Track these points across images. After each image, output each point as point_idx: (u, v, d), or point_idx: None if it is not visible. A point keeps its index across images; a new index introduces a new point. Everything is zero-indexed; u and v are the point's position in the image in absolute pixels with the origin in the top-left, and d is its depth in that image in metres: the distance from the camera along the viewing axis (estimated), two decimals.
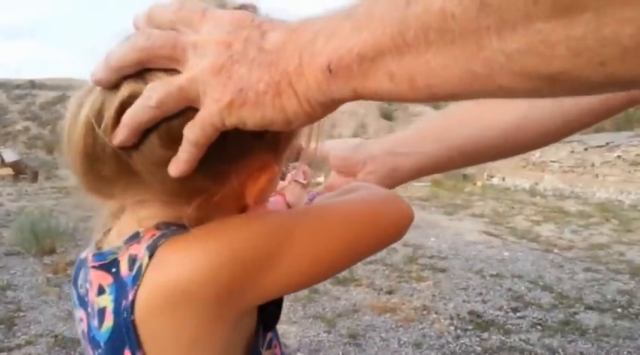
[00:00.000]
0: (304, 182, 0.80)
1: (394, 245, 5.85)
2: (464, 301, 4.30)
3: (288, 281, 0.50)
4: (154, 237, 0.47)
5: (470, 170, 14.44)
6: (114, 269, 0.48)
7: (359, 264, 4.87)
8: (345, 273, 4.87)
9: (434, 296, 4.38)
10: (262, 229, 0.48)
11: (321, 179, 0.78)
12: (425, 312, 4.01)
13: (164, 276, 0.44)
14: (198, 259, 0.44)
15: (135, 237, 0.48)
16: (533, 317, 3.96)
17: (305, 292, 4.32)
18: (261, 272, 0.47)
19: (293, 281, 0.51)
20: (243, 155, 0.46)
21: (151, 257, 0.45)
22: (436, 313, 4.00)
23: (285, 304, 3.54)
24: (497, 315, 3.99)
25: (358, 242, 0.56)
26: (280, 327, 3.71)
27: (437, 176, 12.91)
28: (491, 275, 5.03)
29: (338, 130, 14.40)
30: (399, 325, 3.76)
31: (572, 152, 11.57)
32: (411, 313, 3.97)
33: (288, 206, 0.81)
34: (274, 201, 0.74)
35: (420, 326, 3.74)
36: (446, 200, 9.90)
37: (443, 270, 5.14)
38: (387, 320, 3.84)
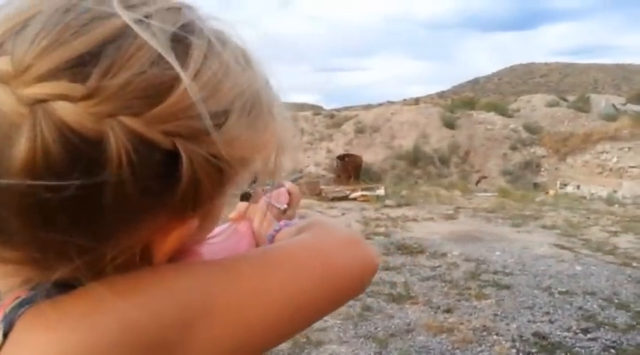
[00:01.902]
0: (283, 207, 0.72)
1: (455, 259, 5.65)
2: (529, 321, 4.00)
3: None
4: (14, 304, 0.38)
5: (541, 178, 13.71)
6: None
7: (415, 280, 4.71)
8: (400, 290, 4.72)
9: (495, 315, 4.12)
10: (170, 294, 0.39)
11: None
12: (485, 333, 3.77)
13: (34, 353, 0.35)
14: (74, 339, 0.35)
15: None
16: (607, 340, 3.62)
17: (357, 310, 4.21)
18: (165, 347, 0.38)
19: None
20: (135, 214, 0.37)
21: (6, 335, 0.36)
22: (497, 334, 3.74)
23: (336, 322, 3.48)
24: (566, 337, 3.67)
25: (310, 301, 0.47)
26: (329, 347, 3.63)
27: (505, 185, 12.37)
28: (561, 293, 4.67)
29: (398, 142, 14.17)
30: (456, 347, 3.55)
31: None
32: (469, 334, 3.74)
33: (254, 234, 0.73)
34: (231, 230, 0.66)
35: (479, 349, 3.52)
36: (514, 211, 9.40)
37: (507, 287, 4.83)
38: (442, 342, 3.64)
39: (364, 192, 10.07)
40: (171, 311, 0.39)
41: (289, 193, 0.77)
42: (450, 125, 14.47)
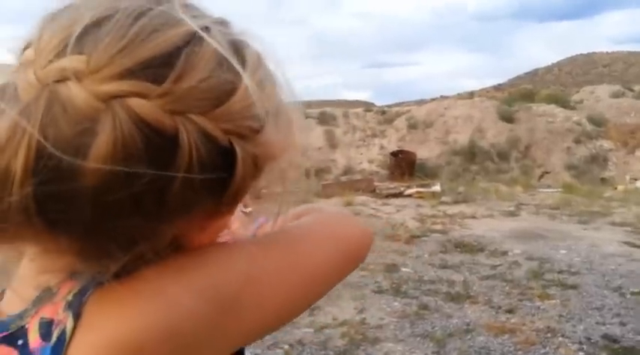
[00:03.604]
0: (247, 210, 0.76)
1: (517, 258, 5.44)
2: (597, 323, 3.79)
3: (256, 325, 0.46)
4: (74, 292, 0.39)
5: (608, 173, 12.98)
6: (20, 341, 0.39)
7: (475, 279, 4.57)
8: (459, 289, 4.59)
9: (561, 316, 3.92)
10: (219, 270, 0.43)
11: None
12: (549, 335, 3.60)
13: (103, 337, 0.36)
14: (148, 307, 0.38)
15: (46, 295, 0.40)
16: None
17: (414, 308, 4.14)
18: (223, 318, 0.42)
19: (262, 324, 0.47)
20: (192, 205, 0.39)
21: (77, 317, 0.37)
22: (563, 336, 3.57)
23: (392, 320, 3.43)
24: (639, 340, 3.44)
25: (327, 268, 0.53)
26: (385, 345, 3.58)
27: (570, 180, 11.80)
28: (633, 293, 4.39)
29: (452, 136, 13.81)
30: (518, 348, 3.41)
31: None
32: (532, 335, 3.59)
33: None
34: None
35: (543, 351, 3.37)
36: (580, 207, 8.93)
37: (573, 287, 4.60)
38: (504, 342, 3.51)
39: (419, 189, 9.90)
40: (220, 288, 0.42)
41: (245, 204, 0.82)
42: (507, 118, 13.93)
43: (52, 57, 0.34)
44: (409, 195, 9.74)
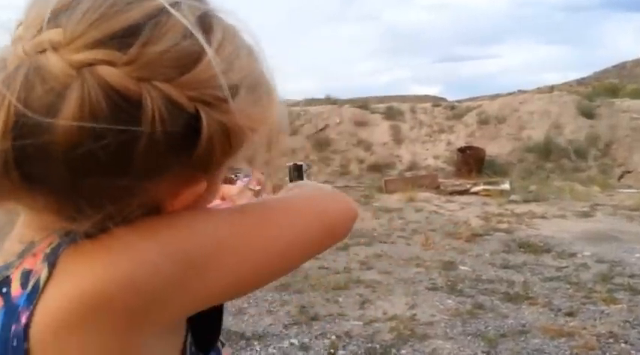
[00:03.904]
0: (256, 189, 0.79)
1: (586, 260, 5.16)
2: None
3: (222, 289, 0.49)
4: (52, 245, 0.43)
5: None
6: (4, 290, 0.43)
7: (537, 280, 4.40)
8: (518, 289, 4.44)
9: (626, 322, 3.69)
10: (190, 232, 0.46)
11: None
12: (611, 340, 3.40)
13: (74, 286, 0.40)
14: (118, 261, 0.41)
15: (30, 249, 0.44)
16: None
17: (468, 307, 4.05)
18: (189, 278, 0.45)
19: (228, 287, 0.49)
20: (160, 168, 0.42)
21: (51, 268, 0.41)
22: (626, 342, 3.36)
23: (443, 318, 3.41)
24: None
25: (304, 240, 0.56)
26: (434, 342, 3.54)
27: None
28: None
29: (527, 133, 13.18)
30: (575, 353, 3.26)
31: None
32: (592, 340, 3.41)
33: None
34: (224, 204, 0.73)
35: None
36: None
37: None
38: (560, 346, 3.36)
39: (486, 187, 9.58)
40: (190, 250, 0.44)
41: (259, 181, 0.84)
42: (587, 114, 13.08)
43: (35, 32, 0.39)
44: (475, 193, 9.45)
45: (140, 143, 0.39)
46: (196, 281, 0.45)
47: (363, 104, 15.19)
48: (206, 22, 0.43)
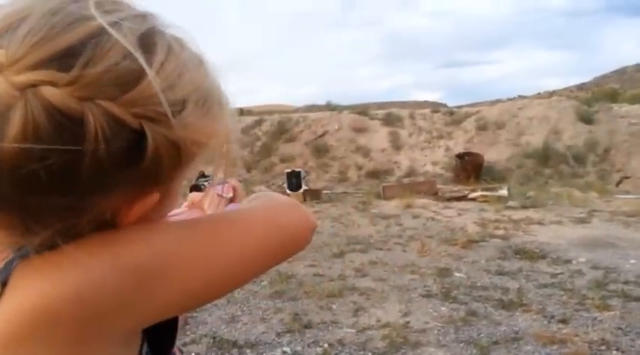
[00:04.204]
0: (228, 196, 0.81)
1: (581, 267, 5.16)
2: None
3: (174, 301, 0.50)
4: (5, 261, 0.45)
5: None
6: None
7: (531, 286, 4.40)
8: (512, 296, 4.44)
9: (618, 329, 3.69)
10: (139, 247, 0.47)
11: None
12: (603, 347, 3.40)
13: (24, 300, 0.42)
14: (68, 275, 0.43)
15: None
16: None
17: (461, 314, 4.06)
18: (139, 292, 0.46)
19: (180, 300, 0.50)
20: (107, 184, 0.43)
21: (4, 284, 0.43)
22: (617, 350, 3.36)
23: (436, 325, 3.42)
24: None
25: (258, 251, 0.56)
26: (427, 350, 3.54)
27: None
28: None
29: (525, 138, 13.17)
30: None
31: None
32: (584, 347, 3.41)
33: None
34: (188, 210, 0.75)
35: None
36: None
37: (638, 299, 4.30)
38: (552, 353, 3.36)
39: (484, 193, 9.59)
40: (138, 265, 0.46)
41: (234, 188, 0.85)
42: (586, 120, 13.09)
43: None
44: (473, 199, 9.47)
45: (85, 161, 0.40)
46: (146, 295, 0.46)
47: (362, 110, 15.23)
48: (148, 41, 0.43)
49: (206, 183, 0.85)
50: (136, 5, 0.46)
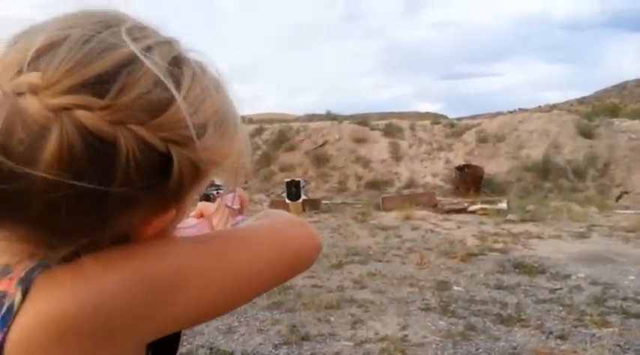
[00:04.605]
0: (237, 207, 0.83)
1: (580, 282, 5.15)
2: None
3: (186, 315, 0.52)
4: (27, 269, 0.46)
5: None
6: None
7: (530, 301, 4.39)
8: (510, 311, 4.43)
9: (617, 346, 3.68)
10: (154, 262, 0.50)
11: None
12: None
13: (46, 309, 0.44)
14: (87, 287, 0.45)
15: (4, 272, 0.47)
16: None
17: (460, 328, 4.04)
18: (153, 305, 0.48)
19: (192, 314, 0.53)
20: (133, 203, 0.45)
21: (25, 292, 0.44)
22: None
23: (435, 339, 3.40)
24: None
25: (265, 270, 0.58)
26: None
27: None
28: None
29: (525, 152, 13.20)
30: None
31: None
32: None
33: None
34: (199, 223, 0.77)
35: None
36: None
37: (637, 316, 4.28)
38: None
39: (484, 205, 9.60)
40: (153, 279, 0.48)
41: (240, 197, 0.88)
42: (586, 134, 13.14)
43: (14, 73, 0.41)
44: (473, 212, 9.47)
45: (115, 183, 0.41)
46: (161, 308, 0.48)
47: (362, 120, 15.27)
48: (175, 68, 0.46)
49: (215, 192, 0.88)
50: (160, 30, 0.48)
